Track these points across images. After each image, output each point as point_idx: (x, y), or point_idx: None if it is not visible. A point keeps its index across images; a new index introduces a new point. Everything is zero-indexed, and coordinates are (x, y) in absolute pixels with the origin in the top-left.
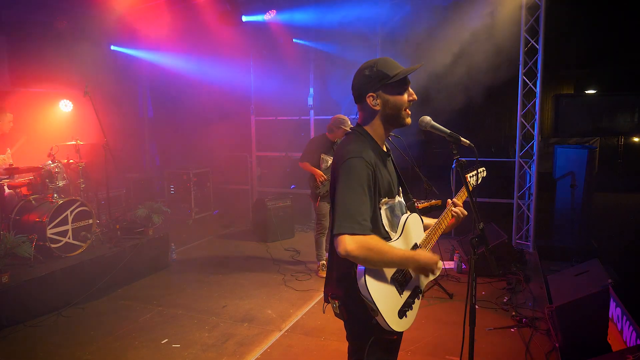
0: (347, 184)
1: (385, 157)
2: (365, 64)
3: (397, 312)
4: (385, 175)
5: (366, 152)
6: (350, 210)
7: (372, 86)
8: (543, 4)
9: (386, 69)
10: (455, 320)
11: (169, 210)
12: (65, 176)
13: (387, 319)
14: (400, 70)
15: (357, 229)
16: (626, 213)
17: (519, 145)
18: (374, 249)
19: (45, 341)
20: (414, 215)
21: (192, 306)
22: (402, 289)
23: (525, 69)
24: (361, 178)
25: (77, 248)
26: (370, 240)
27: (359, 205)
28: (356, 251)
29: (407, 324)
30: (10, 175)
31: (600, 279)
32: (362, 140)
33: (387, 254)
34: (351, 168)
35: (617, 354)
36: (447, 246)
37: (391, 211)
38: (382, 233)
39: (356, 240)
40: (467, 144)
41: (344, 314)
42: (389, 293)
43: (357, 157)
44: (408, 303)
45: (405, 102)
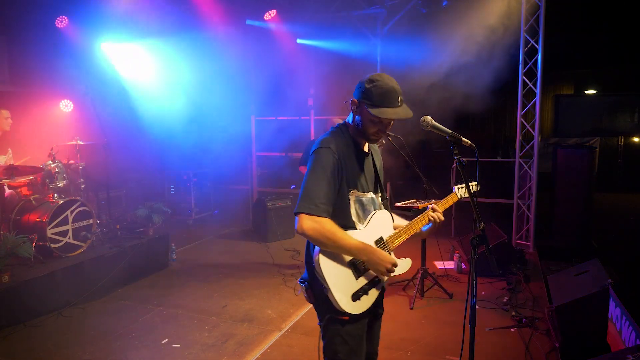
0: (312, 169)
1: (362, 155)
2: (374, 76)
3: (350, 294)
4: (355, 170)
5: (335, 143)
6: (310, 192)
7: (359, 96)
8: (543, 4)
9: (376, 96)
10: (455, 320)
11: (169, 210)
12: (66, 176)
13: (337, 298)
14: (383, 107)
15: (313, 209)
16: (626, 213)
17: (519, 145)
18: (326, 232)
19: (45, 341)
20: (383, 212)
21: (192, 306)
22: (359, 274)
23: (525, 69)
24: (325, 166)
25: (78, 248)
26: (324, 223)
27: (319, 189)
28: (309, 230)
29: (360, 308)
30: (10, 175)
31: (600, 279)
32: (338, 135)
33: (339, 240)
34: (318, 156)
35: (616, 354)
36: (447, 246)
37: (360, 204)
38: (349, 221)
39: (311, 219)
40: (468, 144)
41: (311, 297)
42: (343, 274)
43: (325, 147)
44: (364, 289)
45: (371, 129)
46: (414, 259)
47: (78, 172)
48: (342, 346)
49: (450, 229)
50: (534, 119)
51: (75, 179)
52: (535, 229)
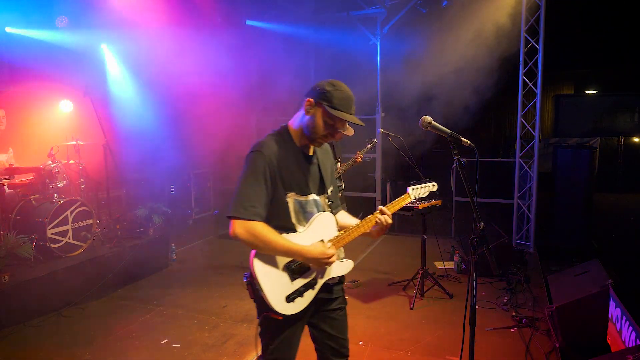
0: (244, 174)
1: (303, 157)
2: (335, 82)
3: (284, 296)
4: (293, 172)
5: (269, 147)
6: (240, 197)
7: (318, 97)
8: (543, 4)
9: (338, 100)
10: (455, 320)
11: (169, 210)
12: (66, 176)
13: (269, 299)
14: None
15: (243, 213)
16: (626, 213)
17: (519, 145)
18: (258, 235)
19: (45, 341)
20: (326, 214)
21: (192, 306)
22: (294, 277)
23: (525, 69)
24: (256, 170)
25: (77, 248)
26: (256, 226)
27: (250, 194)
28: (242, 234)
29: (294, 309)
30: (10, 175)
31: (600, 279)
32: (275, 138)
33: (271, 243)
34: (250, 160)
35: (617, 354)
36: (447, 246)
37: (300, 206)
38: (288, 223)
39: (242, 225)
40: (468, 143)
41: (251, 293)
42: (277, 277)
43: (257, 151)
44: (299, 291)
45: (322, 131)
46: (414, 259)
47: (78, 172)
48: (274, 342)
49: (450, 229)
50: (534, 119)
51: (75, 179)
52: (536, 229)
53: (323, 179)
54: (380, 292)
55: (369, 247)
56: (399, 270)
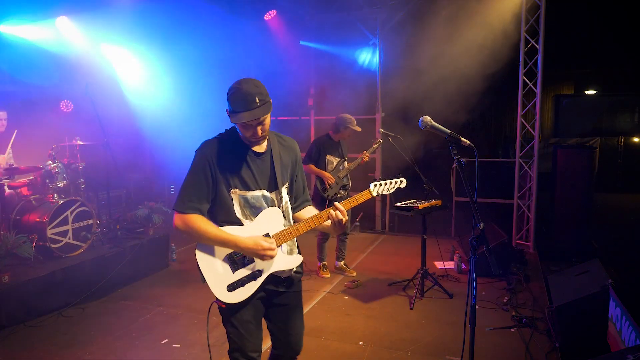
0: (189, 170)
1: (249, 154)
2: (233, 85)
3: (225, 285)
4: (237, 169)
5: (209, 146)
6: (181, 192)
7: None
8: (543, 4)
9: (232, 104)
10: (455, 320)
11: (169, 210)
12: (66, 176)
13: (212, 288)
14: (237, 113)
15: (180, 207)
16: (626, 213)
17: (519, 145)
18: (192, 226)
19: (45, 341)
20: (273, 209)
21: (193, 306)
22: (236, 267)
23: (525, 69)
24: (196, 167)
25: (78, 248)
26: (191, 218)
27: (189, 189)
28: (180, 226)
29: (235, 298)
30: (10, 175)
31: (600, 279)
32: (221, 137)
33: (205, 233)
34: (194, 159)
35: (617, 354)
36: (447, 246)
37: (245, 202)
38: (233, 217)
39: (180, 217)
40: (468, 144)
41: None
42: (219, 267)
43: (198, 150)
44: (242, 281)
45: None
46: (414, 259)
47: (78, 172)
48: (232, 329)
49: (450, 229)
50: (534, 119)
51: (75, 179)
52: (535, 229)
53: (275, 175)
54: (380, 292)
55: (369, 247)
56: (399, 270)
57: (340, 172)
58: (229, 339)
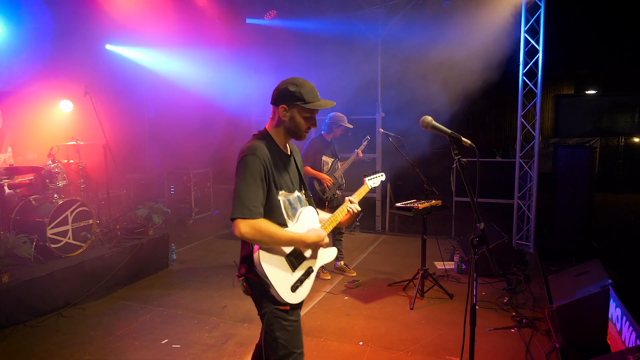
0: (242, 176)
1: (286, 157)
2: (294, 80)
3: (289, 286)
4: (281, 172)
5: (261, 150)
6: (242, 198)
7: (289, 101)
8: (543, 4)
9: (306, 95)
10: (455, 320)
11: (169, 210)
12: (65, 176)
13: (279, 291)
14: (315, 102)
15: (246, 213)
16: (626, 213)
17: (519, 145)
18: (263, 231)
19: (45, 341)
20: (309, 208)
21: (192, 306)
22: (294, 267)
23: (525, 69)
24: (254, 171)
25: (77, 248)
26: (260, 223)
27: (250, 194)
28: (247, 234)
29: (299, 297)
30: (10, 175)
31: (600, 279)
32: (261, 141)
33: (275, 235)
34: (246, 163)
35: (617, 354)
36: (447, 246)
37: (289, 203)
38: (281, 220)
39: (247, 224)
40: (468, 144)
41: (247, 290)
42: (281, 269)
43: (251, 154)
44: (300, 279)
45: (304, 126)
46: (414, 259)
47: (78, 172)
48: (282, 332)
49: (450, 229)
50: (534, 119)
51: (75, 179)
52: (536, 229)
53: (301, 175)
54: (380, 292)
55: (369, 247)
56: (399, 270)
57: (336, 172)
58: (278, 345)
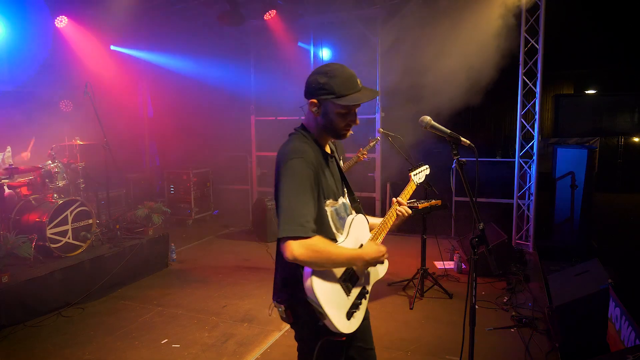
0: (289, 185)
1: (328, 158)
2: (326, 68)
3: (345, 313)
4: (328, 177)
5: (308, 152)
6: (292, 212)
7: (319, 95)
8: (543, 4)
9: (338, 86)
10: (455, 320)
11: (169, 210)
12: (65, 176)
13: (334, 322)
14: (350, 94)
15: (299, 231)
16: (626, 213)
17: (519, 145)
18: (320, 251)
19: (45, 341)
20: (359, 217)
21: (192, 306)
22: (349, 290)
23: (525, 69)
24: (303, 179)
25: (77, 248)
26: (316, 242)
27: (301, 207)
28: (303, 255)
29: (354, 325)
30: (10, 175)
31: (600, 279)
32: (304, 141)
33: (333, 255)
34: (293, 169)
35: (616, 354)
36: (447, 246)
37: (336, 213)
38: (329, 234)
39: (302, 244)
40: (467, 143)
41: (289, 318)
42: (336, 295)
43: (299, 157)
44: (356, 304)
45: (341, 123)
46: (414, 259)
47: (78, 172)
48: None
49: (450, 229)
50: (534, 119)
51: (75, 179)
52: (535, 229)
53: (344, 176)
54: (380, 292)
55: None
56: (398, 270)
57: None
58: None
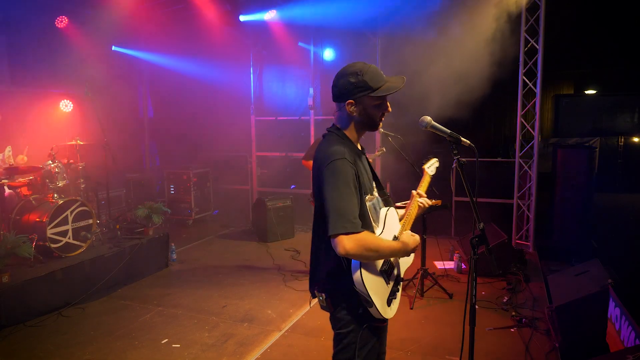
0: (335, 185)
1: (362, 156)
2: (352, 68)
3: (386, 300)
4: (364, 174)
5: (348, 152)
6: (341, 210)
7: (354, 94)
8: (543, 4)
9: (371, 81)
10: (455, 320)
11: (169, 210)
12: (65, 176)
13: (379, 309)
14: (383, 85)
15: (350, 227)
16: (626, 213)
17: (519, 145)
18: (370, 245)
19: (45, 341)
20: (392, 209)
21: (192, 306)
22: (388, 279)
23: (525, 69)
24: (347, 178)
25: (77, 248)
26: (366, 237)
27: (348, 205)
28: (354, 249)
29: (394, 310)
30: (10, 175)
31: (600, 279)
32: (342, 141)
33: (381, 247)
34: (337, 169)
35: (616, 354)
36: (447, 246)
37: (373, 207)
38: (370, 228)
39: (353, 239)
40: (467, 143)
41: (330, 307)
42: (379, 284)
43: (341, 158)
44: (393, 291)
45: (377, 115)
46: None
47: (78, 172)
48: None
49: (450, 229)
50: (534, 119)
51: (75, 179)
52: (535, 229)
53: (375, 173)
54: None
55: None
56: None
57: None
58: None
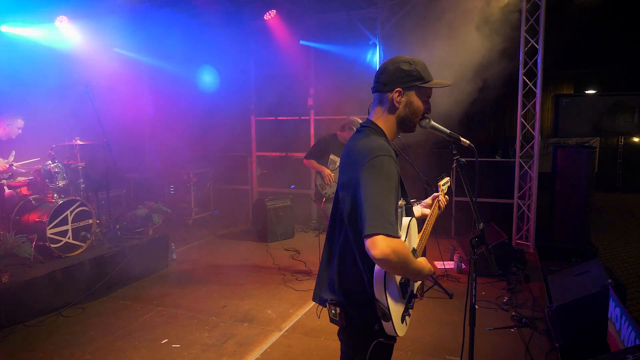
0: (378, 181)
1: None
2: (404, 57)
3: (400, 317)
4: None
5: (390, 150)
6: (383, 209)
7: (405, 82)
8: (543, 4)
9: (423, 72)
10: (455, 320)
11: (169, 210)
12: (65, 176)
13: (395, 325)
14: (434, 80)
15: (390, 229)
16: (626, 213)
17: (519, 145)
18: (402, 255)
19: (45, 341)
20: (414, 220)
21: (192, 306)
22: (404, 294)
23: (525, 69)
24: (390, 177)
25: (77, 248)
26: (403, 246)
27: (390, 206)
28: (389, 255)
29: (405, 328)
30: (10, 175)
31: (600, 279)
32: (382, 138)
33: (409, 264)
34: (381, 166)
35: (616, 354)
36: (447, 246)
37: (401, 213)
38: None
39: (392, 243)
40: (467, 144)
41: (342, 321)
42: (398, 299)
43: (386, 155)
44: (407, 308)
45: (422, 111)
46: None
47: (78, 172)
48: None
49: (450, 229)
50: (534, 119)
51: (75, 179)
52: (535, 229)
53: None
54: None
55: None
56: None
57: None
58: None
